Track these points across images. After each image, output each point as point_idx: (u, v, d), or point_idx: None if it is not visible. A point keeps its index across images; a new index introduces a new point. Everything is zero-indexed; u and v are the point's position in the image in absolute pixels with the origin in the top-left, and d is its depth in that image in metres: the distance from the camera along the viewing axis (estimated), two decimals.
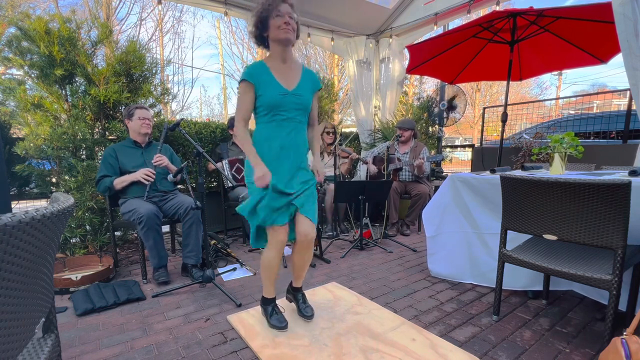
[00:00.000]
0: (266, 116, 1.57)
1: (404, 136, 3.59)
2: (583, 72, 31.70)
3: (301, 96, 1.60)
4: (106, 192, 2.37)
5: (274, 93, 1.54)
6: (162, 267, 2.33)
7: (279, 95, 1.55)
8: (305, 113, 1.64)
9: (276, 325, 1.69)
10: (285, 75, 1.60)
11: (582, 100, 6.19)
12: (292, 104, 1.58)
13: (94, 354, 1.54)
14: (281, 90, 1.56)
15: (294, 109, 1.59)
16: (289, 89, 1.58)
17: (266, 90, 1.54)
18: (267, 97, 1.54)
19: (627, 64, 2.04)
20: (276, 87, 1.55)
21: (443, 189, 2.32)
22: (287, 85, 1.58)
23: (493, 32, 3.15)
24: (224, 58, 14.48)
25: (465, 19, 3.87)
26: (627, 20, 1.98)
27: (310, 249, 1.76)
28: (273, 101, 1.54)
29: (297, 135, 1.62)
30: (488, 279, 2.20)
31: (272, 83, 1.56)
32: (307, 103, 1.63)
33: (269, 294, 1.76)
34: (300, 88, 1.61)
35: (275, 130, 1.58)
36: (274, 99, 1.54)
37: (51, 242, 0.74)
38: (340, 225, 3.73)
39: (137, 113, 2.44)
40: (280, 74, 1.58)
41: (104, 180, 2.32)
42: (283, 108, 1.56)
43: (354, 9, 4.06)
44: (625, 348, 1.09)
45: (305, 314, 1.78)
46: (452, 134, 13.96)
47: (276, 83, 1.56)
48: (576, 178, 1.38)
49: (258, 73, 1.55)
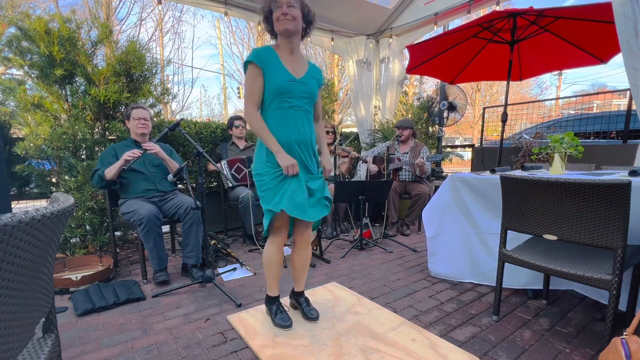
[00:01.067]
0: (273, 103, 1.54)
1: (404, 135, 3.59)
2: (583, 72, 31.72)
3: (308, 85, 1.58)
4: (99, 184, 2.31)
5: (281, 79, 1.51)
6: (162, 269, 2.32)
7: (287, 81, 1.52)
8: (312, 102, 1.62)
9: (281, 324, 1.70)
10: (294, 64, 1.57)
11: (582, 100, 6.18)
12: (300, 92, 1.55)
13: (94, 354, 1.54)
14: (289, 76, 1.53)
15: (301, 97, 1.56)
16: (296, 77, 1.55)
17: (273, 75, 1.51)
18: (274, 82, 1.50)
19: (627, 64, 2.04)
20: (284, 72, 1.53)
21: (443, 189, 2.32)
22: (295, 73, 1.56)
23: (493, 32, 3.15)
24: (224, 58, 14.50)
25: (465, 19, 3.87)
26: (627, 20, 1.98)
27: (308, 248, 1.76)
28: (280, 87, 1.51)
29: (306, 127, 1.58)
30: (488, 279, 2.20)
31: (280, 68, 1.53)
32: (314, 92, 1.61)
33: (273, 292, 1.76)
34: (307, 77, 1.59)
35: (283, 121, 1.54)
36: (282, 84, 1.51)
37: (51, 242, 0.74)
38: (340, 225, 3.73)
39: (133, 113, 2.43)
40: (288, 62, 1.56)
41: (96, 173, 2.30)
42: (290, 95, 1.53)
43: (354, 9, 4.06)
44: (625, 348, 1.09)
45: (310, 316, 1.77)
46: (452, 134, 13.95)
47: (284, 69, 1.53)
48: (576, 178, 1.38)
49: (265, 56, 1.52)
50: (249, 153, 3.36)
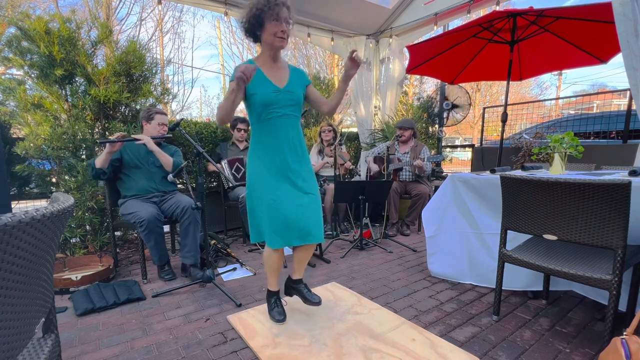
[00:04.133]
0: (262, 115, 1.60)
1: (404, 136, 3.59)
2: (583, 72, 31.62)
3: (293, 92, 1.63)
4: (90, 173, 2.30)
5: (267, 91, 1.58)
6: (165, 264, 2.35)
7: (272, 92, 1.58)
8: (299, 108, 1.68)
9: (275, 317, 1.75)
10: (276, 74, 1.63)
11: (582, 100, 6.18)
12: (286, 100, 1.61)
13: (94, 354, 1.54)
14: (274, 87, 1.59)
15: (288, 105, 1.62)
16: (280, 87, 1.61)
17: (259, 89, 1.57)
18: (260, 96, 1.57)
19: (627, 64, 2.04)
20: (269, 85, 1.59)
21: (443, 189, 2.32)
22: (279, 83, 1.61)
23: (493, 32, 3.15)
24: (224, 58, 14.49)
25: (465, 19, 3.87)
26: (627, 20, 1.97)
27: (310, 248, 1.77)
28: (267, 99, 1.57)
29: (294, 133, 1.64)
30: (488, 279, 2.20)
31: (264, 81, 1.59)
32: (299, 98, 1.67)
33: (273, 287, 1.81)
34: (290, 85, 1.64)
35: (274, 131, 1.61)
36: (268, 96, 1.57)
37: (51, 242, 0.74)
38: (340, 225, 3.73)
39: (157, 118, 2.45)
40: (271, 73, 1.62)
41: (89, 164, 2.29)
42: (277, 105, 1.59)
43: (354, 9, 4.06)
44: (625, 348, 1.09)
45: (313, 300, 1.73)
46: (452, 134, 13.97)
47: (268, 81, 1.59)
48: (576, 178, 1.38)
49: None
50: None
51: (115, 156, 2.31)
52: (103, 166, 2.24)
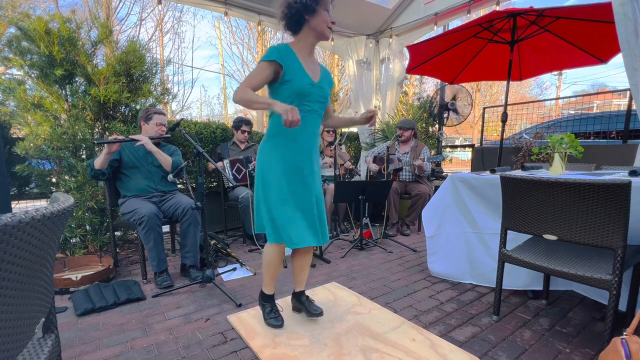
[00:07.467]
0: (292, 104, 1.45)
1: (404, 136, 3.59)
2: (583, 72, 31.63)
3: (324, 89, 1.58)
4: (90, 173, 2.29)
5: (303, 82, 1.49)
6: (163, 272, 2.30)
7: (308, 84, 1.50)
8: (324, 106, 1.62)
9: (272, 323, 1.71)
10: (310, 67, 1.56)
11: (582, 100, 6.18)
12: (317, 96, 1.54)
13: (94, 354, 1.54)
14: (309, 80, 1.51)
15: (318, 101, 1.56)
16: (315, 81, 1.54)
17: (296, 77, 1.47)
18: (297, 85, 1.47)
19: (627, 64, 2.04)
20: (304, 75, 1.51)
21: (443, 189, 2.32)
22: (313, 77, 1.54)
23: (493, 32, 3.15)
24: (224, 58, 14.48)
25: (465, 19, 3.87)
26: (627, 20, 1.98)
27: (309, 253, 1.76)
28: (302, 90, 1.48)
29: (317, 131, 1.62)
30: (488, 279, 2.20)
31: (301, 71, 1.50)
32: (327, 96, 1.61)
33: (269, 290, 1.77)
34: (322, 81, 1.59)
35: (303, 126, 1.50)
36: (304, 87, 1.49)
37: (51, 242, 0.74)
38: (340, 225, 3.74)
39: (155, 118, 2.44)
40: (306, 64, 1.54)
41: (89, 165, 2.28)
42: (309, 99, 1.52)
43: (354, 9, 4.06)
44: (625, 348, 1.09)
45: (314, 312, 1.75)
46: (452, 134, 13.96)
47: (304, 71, 1.51)
48: (576, 178, 1.38)
49: (287, 56, 1.48)
50: (250, 153, 3.36)
51: (114, 157, 2.30)
52: (102, 167, 2.24)
